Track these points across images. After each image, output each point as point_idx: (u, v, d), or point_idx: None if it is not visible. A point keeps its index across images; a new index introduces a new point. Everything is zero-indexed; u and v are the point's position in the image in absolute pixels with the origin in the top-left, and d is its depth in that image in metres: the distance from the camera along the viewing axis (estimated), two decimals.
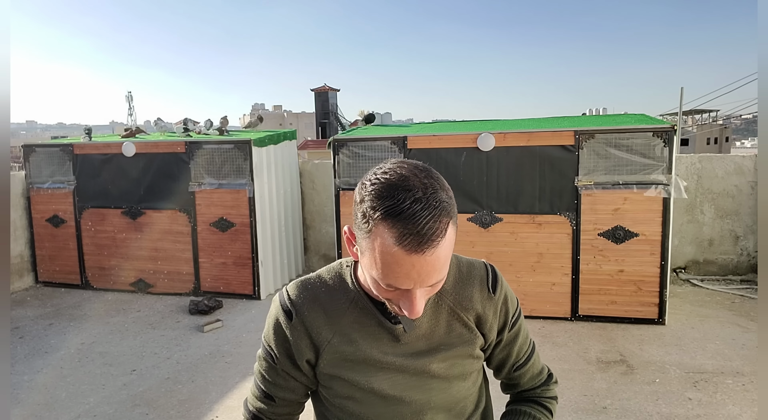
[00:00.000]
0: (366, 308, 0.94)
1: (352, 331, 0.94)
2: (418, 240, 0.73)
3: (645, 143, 4.33)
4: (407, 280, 0.77)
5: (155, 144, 5.65)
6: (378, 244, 0.75)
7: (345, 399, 0.97)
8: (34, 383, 3.67)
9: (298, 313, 0.96)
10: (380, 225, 0.74)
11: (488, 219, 4.75)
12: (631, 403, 3.21)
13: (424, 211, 0.73)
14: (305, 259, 6.82)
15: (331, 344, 0.95)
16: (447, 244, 0.77)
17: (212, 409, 3.29)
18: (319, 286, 0.98)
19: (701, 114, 44.68)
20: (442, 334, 0.97)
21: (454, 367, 0.98)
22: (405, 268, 0.75)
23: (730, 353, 3.86)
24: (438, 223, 0.74)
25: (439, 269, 0.78)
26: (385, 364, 0.95)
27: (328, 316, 0.95)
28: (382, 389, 0.95)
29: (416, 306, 0.81)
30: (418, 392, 0.97)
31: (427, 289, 0.82)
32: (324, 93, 28.81)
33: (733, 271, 5.76)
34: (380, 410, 0.97)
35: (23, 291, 6.09)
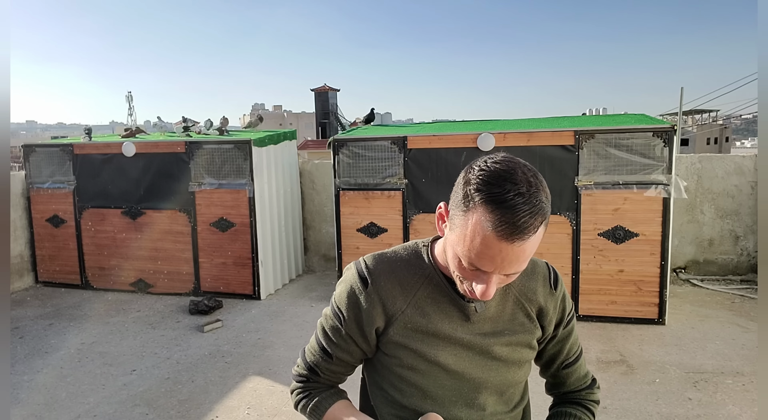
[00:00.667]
0: (440, 285, 1.00)
1: (426, 304, 1.00)
2: (512, 230, 0.78)
3: (645, 143, 4.33)
4: (490, 264, 0.83)
5: (155, 144, 5.65)
6: (473, 224, 0.82)
7: (408, 369, 1.02)
8: (34, 383, 3.67)
9: (374, 281, 1.01)
10: (480, 207, 0.81)
11: None
12: (631, 403, 3.21)
13: (524, 205, 0.79)
14: (305, 259, 6.82)
15: (404, 314, 1.00)
16: (535, 241, 0.83)
17: (212, 409, 3.29)
18: (395, 259, 1.04)
19: (701, 114, 44.66)
20: (506, 319, 1.04)
21: (514, 352, 1.05)
22: (492, 253, 0.81)
23: (730, 353, 3.86)
24: (533, 220, 0.80)
25: (522, 261, 0.84)
26: (453, 340, 1.01)
27: (402, 288, 1.01)
28: (447, 363, 1.01)
29: (490, 289, 0.86)
30: (479, 370, 1.03)
31: (503, 277, 0.87)
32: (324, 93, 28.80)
33: (733, 271, 5.76)
34: (440, 382, 1.02)
35: (23, 291, 6.09)
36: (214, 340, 4.43)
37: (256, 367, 3.87)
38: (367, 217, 5.06)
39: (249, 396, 3.45)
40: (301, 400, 1.13)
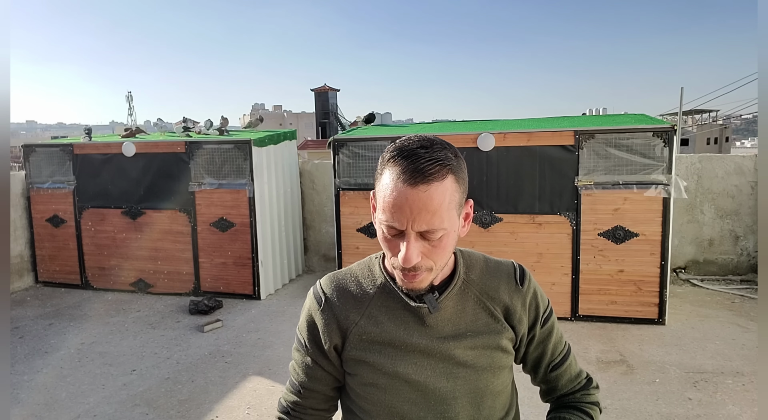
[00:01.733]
0: (392, 292, 0.99)
1: (379, 313, 0.99)
2: (414, 175, 0.82)
3: (645, 143, 4.33)
4: (402, 217, 0.84)
5: (155, 144, 5.65)
6: (383, 181, 0.87)
7: (370, 386, 0.98)
8: (34, 383, 3.67)
9: (328, 300, 1.02)
10: (388, 164, 0.86)
11: (488, 219, 4.75)
12: (631, 403, 3.21)
13: (426, 154, 0.84)
14: (305, 259, 6.82)
15: (357, 326, 0.98)
16: (443, 191, 0.84)
17: (212, 409, 3.29)
18: (349, 275, 1.05)
19: (701, 114, 44.65)
20: (468, 320, 0.99)
21: (481, 356, 0.98)
22: (399, 201, 0.83)
23: (730, 353, 3.86)
24: (436, 167, 0.83)
25: (431, 212, 0.83)
26: (410, 347, 0.97)
27: (356, 301, 1.00)
28: (407, 373, 0.96)
29: (410, 251, 0.85)
30: (443, 379, 0.97)
31: (422, 241, 0.87)
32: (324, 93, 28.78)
33: (733, 271, 5.76)
34: (405, 396, 0.97)
35: (23, 291, 6.09)
36: (214, 340, 4.43)
37: (256, 367, 3.87)
38: (367, 217, 5.06)
39: (249, 396, 3.45)
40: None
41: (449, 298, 0.98)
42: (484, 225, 4.76)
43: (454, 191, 0.87)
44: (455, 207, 0.89)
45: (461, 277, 1.01)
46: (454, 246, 0.95)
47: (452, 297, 0.99)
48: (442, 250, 0.90)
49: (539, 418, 3.12)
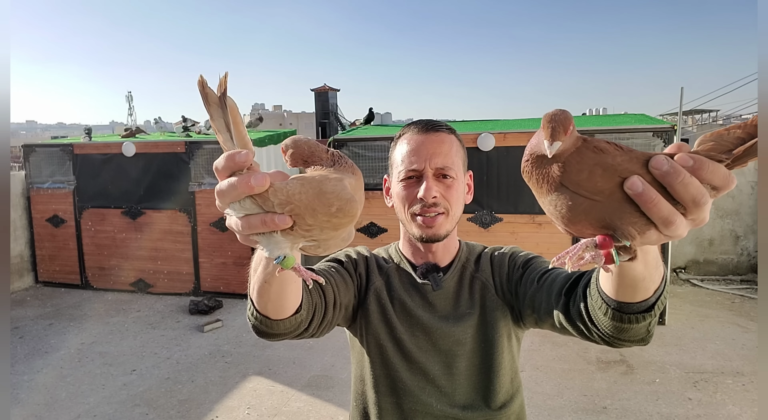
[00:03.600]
0: (404, 271, 1.10)
1: (393, 282, 1.09)
2: (426, 125, 1.04)
3: (645, 143, 4.33)
4: (419, 158, 1.00)
5: (155, 144, 5.65)
6: (398, 147, 1.05)
7: (378, 347, 1.05)
8: (34, 383, 3.67)
9: (370, 254, 1.15)
10: (402, 135, 1.06)
11: (488, 219, 4.75)
12: (631, 403, 3.21)
13: (433, 120, 1.06)
14: (305, 259, 6.83)
15: (375, 285, 1.09)
16: (451, 140, 1.03)
17: (212, 409, 3.29)
18: (375, 253, 1.17)
19: (701, 114, 44.61)
20: (467, 297, 1.07)
21: (481, 334, 1.04)
22: (417, 146, 1.01)
23: (730, 353, 3.86)
24: (443, 125, 1.05)
25: (444, 153, 1.00)
26: (414, 319, 1.05)
27: (379, 269, 1.12)
28: (410, 349, 1.03)
29: (429, 183, 0.99)
30: (443, 356, 1.03)
31: (438, 182, 1.00)
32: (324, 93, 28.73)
33: (733, 271, 5.76)
34: (405, 367, 1.03)
35: (23, 291, 6.09)
36: (214, 340, 4.43)
37: (256, 367, 3.87)
38: (367, 217, 5.06)
39: (249, 396, 3.45)
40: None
41: (451, 278, 1.08)
42: (484, 225, 4.76)
43: (459, 148, 1.05)
44: (461, 161, 1.05)
45: (461, 260, 1.11)
46: (463, 202, 1.07)
47: (453, 278, 1.08)
48: (455, 194, 1.02)
49: (539, 418, 3.12)
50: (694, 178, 0.49)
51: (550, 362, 3.78)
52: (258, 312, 0.84)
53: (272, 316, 0.84)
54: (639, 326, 0.74)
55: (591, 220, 0.54)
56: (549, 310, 0.91)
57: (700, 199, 0.49)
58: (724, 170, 0.49)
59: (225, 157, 0.54)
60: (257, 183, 0.52)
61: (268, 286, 0.78)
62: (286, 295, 0.81)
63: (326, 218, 0.55)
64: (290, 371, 3.80)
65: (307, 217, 0.54)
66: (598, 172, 0.52)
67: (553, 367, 3.71)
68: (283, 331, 0.87)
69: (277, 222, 0.53)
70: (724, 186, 0.50)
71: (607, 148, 0.54)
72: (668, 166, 0.49)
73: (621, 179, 0.51)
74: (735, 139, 0.49)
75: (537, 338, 4.20)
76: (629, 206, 0.51)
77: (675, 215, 0.50)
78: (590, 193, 0.53)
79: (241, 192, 0.52)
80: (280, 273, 0.69)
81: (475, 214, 4.75)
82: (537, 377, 3.58)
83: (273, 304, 0.82)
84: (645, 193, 0.49)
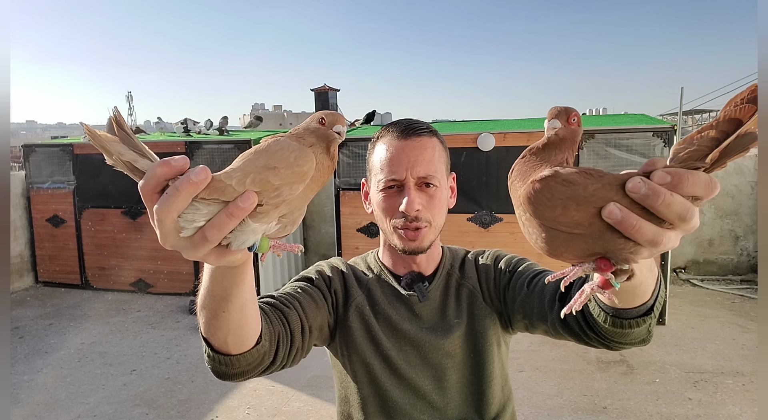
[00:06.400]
0: (386, 282, 1.05)
1: (375, 295, 1.04)
2: (406, 130, 0.96)
3: (645, 143, 4.33)
4: (399, 167, 0.94)
5: (155, 144, 5.65)
6: (376, 150, 0.99)
7: (364, 366, 0.99)
8: (34, 383, 3.67)
9: (346, 267, 1.08)
10: (380, 137, 1.00)
11: (488, 219, 4.75)
12: (631, 403, 3.21)
13: (412, 120, 1.00)
14: (305, 259, 6.82)
15: (356, 301, 1.03)
16: (433, 145, 0.97)
17: (212, 409, 3.29)
18: (351, 264, 1.11)
19: (701, 114, 44.65)
20: (454, 306, 1.02)
21: (470, 344, 1.00)
22: (397, 153, 0.95)
23: (730, 353, 3.86)
24: (423, 126, 0.98)
25: (426, 160, 0.94)
26: (401, 333, 1.00)
27: (358, 281, 1.06)
28: (398, 364, 0.98)
29: (411, 196, 0.93)
30: (432, 370, 0.99)
31: (420, 193, 0.94)
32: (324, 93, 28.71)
33: (733, 271, 5.76)
34: (394, 384, 0.98)
35: (23, 291, 6.09)
36: None
37: None
38: (367, 217, 5.06)
39: (249, 396, 3.45)
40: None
41: (436, 287, 1.03)
42: (484, 225, 4.76)
43: (442, 151, 0.99)
44: (444, 166, 0.99)
45: (446, 267, 1.06)
46: (447, 209, 1.01)
47: (439, 287, 1.03)
48: (438, 204, 0.97)
49: (539, 418, 3.12)
50: (675, 195, 0.46)
51: (550, 362, 3.78)
52: (216, 351, 0.76)
53: (233, 350, 0.76)
54: (640, 329, 0.73)
55: (574, 251, 0.52)
56: (542, 316, 0.89)
57: (685, 215, 0.47)
58: (705, 177, 0.47)
59: (158, 165, 0.48)
60: (198, 176, 0.47)
61: (228, 315, 0.70)
62: (247, 320, 0.73)
63: (289, 171, 0.53)
64: (290, 371, 3.78)
65: (271, 178, 0.51)
66: (572, 206, 0.50)
67: (553, 367, 3.71)
68: (247, 367, 0.78)
69: (241, 205, 0.49)
70: (707, 194, 0.47)
71: (577, 180, 0.51)
72: (646, 189, 0.46)
73: (598, 208, 0.49)
74: (710, 141, 0.47)
75: (537, 338, 4.20)
76: (613, 233, 0.49)
77: (661, 235, 0.48)
78: (569, 227, 0.51)
79: (187, 193, 0.47)
80: (263, 259, 0.62)
81: (475, 214, 4.75)
82: (537, 377, 3.58)
83: (233, 336, 0.74)
84: (625, 219, 0.47)
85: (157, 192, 0.49)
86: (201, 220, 0.50)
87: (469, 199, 4.73)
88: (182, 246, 0.51)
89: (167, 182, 0.49)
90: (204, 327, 0.74)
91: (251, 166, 0.52)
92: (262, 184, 0.51)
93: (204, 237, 0.50)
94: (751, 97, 0.45)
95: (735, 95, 0.46)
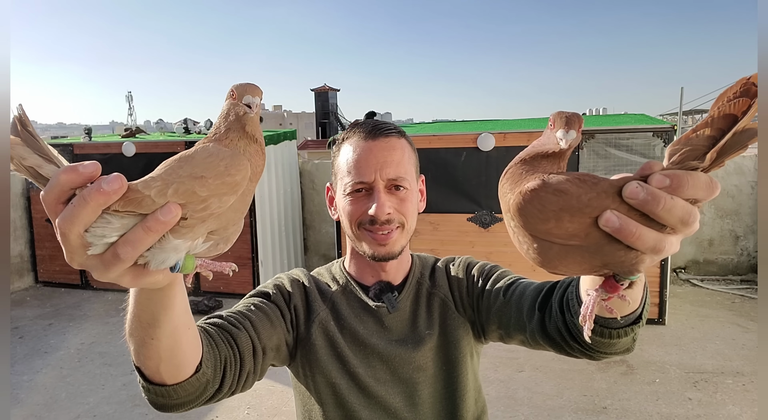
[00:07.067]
0: (352, 293, 0.99)
1: (341, 309, 0.98)
2: (373, 131, 0.91)
3: (645, 143, 4.33)
4: (368, 169, 0.88)
5: (155, 144, 5.65)
6: (342, 152, 0.93)
7: (330, 387, 0.93)
8: (34, 383, 3.67)
9: (308, 280, 1.02)
10: (345, 139, 0.94)
11: (488, 219, 4.75)
12: (631, 403, 3.21)
13: (378, 121, 0.96)
14: (305, 259, 6.82)
15: (319, 316, 0.96)
16: (401, 146, 0.93)
17: (212, 409, 3.29)
18: (316, 273, 1.06)
19: (701, 114, 44.69)
20: (424, 316, 0.97)
21: (442, 356, 0.96)
22: (364, 155, 0.89)
23: (730, 353, 3.86)
24: (390, 127, 0.94)
25: (395, 161, 0.90)
26: (369, 348, 0.94)
27: (321, 294, 1.00)
28: (366, 381, 0.92)
29: (380, 199, 0.88)
30: (402, 385, 0.94)
31: (390, 195, 0.89)
32: (324, 93, 28.77)
33: (733, 271, 5.76)
34: (363, 403, 0.93)
35: (23, 291, 6.09)
36: None
37: None
38: None
39: (249, 396, 3.45)
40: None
41: (407, 297, 0.98)
42: (484, 225, 4.76)
43: (411, 153, 0.96)
44: (414, 168, 0.95)
45: (416, 276, 1.01)
46: (417, 212, 0.96)
47: (409, 297, 0.98)
48: (410, 206, 0.92)
49: (539, 418, 3.12)
50: (676, 199, 0.44)
51: (550, 362, 3.78)
52: (149, 382, 0.69)
53: (168, 380, 0.68)
54: (626, 339, 0.72)
55: (570, 264, 0.49)
56: (520, 326, 0.86)
57: (688, 219, 0.44)
58: (705, 178, 0.44)
59: (63, 172, 0.42)
60: (111, 185, 0.41)
61: (157, 343, 0.63)
62: (181, 348, 0.66)
63: (219, 181, 0.46)
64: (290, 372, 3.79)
65: (197, 188, 0.45)
66: (566, 217, 0.47)
67: (553, 367, 3.71)
68: (187, 398, 0.71)
69: (162, 218, 0.43)
70: (708, 196, 0.45)
71: (569, 189, 0.48)
72: (645, 194, 0.44)
73: (594, 218, 0.46)
74: (706, 140, 0.44)
75: None
76: (611, 243, 0.46)
77: (663, 241, 0.45)
78: (563, 239, 0.48)
79: (96, 204, 0.41)
80: (187, 280, 0.56)
81: (475, 214, 4.75)
82: (537, 377, 3.58)
83: (166, 365, 0.66)
84: (624, 227, 0.45)
85: (62, 202, 0.43)
86: (113, 236, 0.43)
87: (469, 199, 4.73)
88: (91, 265, 0.45)
89: (74, 191, 0.43)
90: (134, 355, 0.67)
91: (174, 175, 0.46)
92: (186, 196, 0.45)
93: (116, 255, 0.43)
94: (743, 90, 0.43)
95: (726, 89, 0.44)
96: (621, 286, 0.50)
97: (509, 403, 3.26)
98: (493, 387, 3.46)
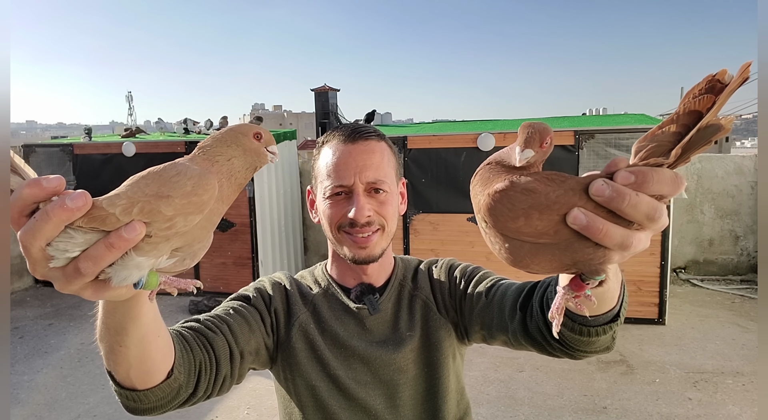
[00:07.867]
0: (334, 296, 0.99)
1: (322, 311, 0.98)
2: (353, 134, 0.91)
3: None
4: (347, 172, 0.89)
5: (155, 144, 5.65)
6: (322, 156, 0.94)
7: (311, 389, 0.93)
8: (34, 383, 3.67)
9: (289, 283, 1.02)
10: (325, 143, 0.95)
11: None
12: (631, 403, 3.21)
13: (358, 124, 0.95)
14: (305, 259, 6.83)
15: (300, 319, 0.97)
16: (381, 149, 0.93)
17: (212, 409, 3.29)
18: (298, 276, 1.06)
19: None
20: (406, 318, 0.97)
21: (423, 358, 0.96)
22: (344, 158, 0.90)
23: (730, 353, 3.86)
24: (370, 130, 0.94)
25: (375, 164, 0.90)
26: (349, 350, 0.94)
27: (302, 297, 1.00)
28: (347, 383, 0.93)
29: (360, 202, 0.88)
30: (383, 387, 0.94)
31: (370, 198, 0.90)
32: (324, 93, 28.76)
33: (733, 271, 5.76)
34: (343, 405, 0.93)
35: (23, 291, 6.09)
36: None
37: None
38: None
39: (249, 396, 3.45)
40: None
41: (388, 299, 0.98)
42: None
43: (391, 155, 0.95)
44: (394, 171, 0.95)
45: (398, 278, 1.01)
46: (398, 216, 0.96)
47: (391, 299, 0.98)
48: (391, 209, 0.92)
49: (540, 418, 3.12)
50: (641, 195, 0.44)
51: (550, 362, 3.78)
52: (120, 386, 0.69)
53: (139, 385, 0.69)
54: (605, 337, 0.72)
55: (540, 262, 0.50)
56: (502, 327, 0.86)
57: (653, 215, 0.45)
58: (670, 174, 0.45)
59: (27, 185, 0.42)
60: (75, 202, 0.42)
61: (126, 350, 0.63)
62: (150, 354, 0.66)
63: (185, 200, 0.46)
64: None
65: (162, 207, 0.45)
66: (535, 215, 0.48)
67: (553, 367, 3.71)
68: (159, 402, 0.72)
69: (125, 236, 0.43)
70: (673, 191, 0.45)
71: (537, 188, 0.49)
72: (610, 191, 0.44)
73: (562, 215, 0.47)
74: (671, 136, 0.45)
75: None
76: (580, 240, 0.47)
77: (630, 237, 0.46)
78: (533, 237, 0.49)
79: (58, 220, 0.42)
80: (151, 297, 0.56)
81: (474, 215, 4.75)
82: (537, 377, 3.58)
83: (136, 371, 0.67)
84: (591, 224, 0.45)
85: (25, 215, 0.43)
86: (75, 250, 0.44)
87: (469, 199, 4.71)
88: (53, 277, 0.45)
89: (37, 205, 0.43)
90: (104, 360, 0.67)
91: (140, 194, 0.46)
92: (151, 215, 0.45)
93: (77, 269, 0.44)
94: (708, 87, 0.44)
95: (692, 86, 0.45)
96: (587, 285, 0.51)
97: (509, 403, 3.26)
98: (493, 387, 3.46)
